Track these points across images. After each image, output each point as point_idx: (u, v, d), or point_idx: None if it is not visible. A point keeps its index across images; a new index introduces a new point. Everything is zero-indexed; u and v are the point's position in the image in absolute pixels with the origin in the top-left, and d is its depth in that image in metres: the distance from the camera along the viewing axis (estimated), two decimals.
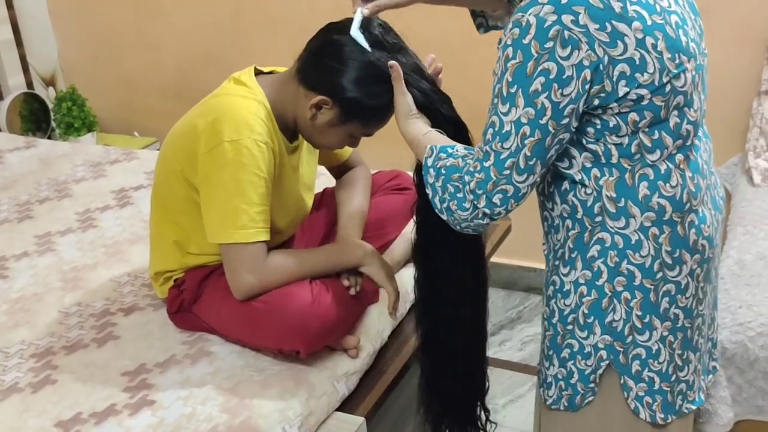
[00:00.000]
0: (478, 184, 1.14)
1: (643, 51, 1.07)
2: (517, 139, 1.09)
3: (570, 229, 1.21)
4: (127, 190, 2.34)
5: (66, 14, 3.29)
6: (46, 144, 2.76)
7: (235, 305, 1.52)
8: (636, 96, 1.08)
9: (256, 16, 2.94)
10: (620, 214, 1.15)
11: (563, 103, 1.07)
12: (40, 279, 1.88)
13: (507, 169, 1.11)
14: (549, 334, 1.29)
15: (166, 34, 3.13)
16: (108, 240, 2.05)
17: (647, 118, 1.10)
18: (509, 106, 1.09)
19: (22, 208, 2.26)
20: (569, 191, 1.18)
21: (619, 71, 1.06)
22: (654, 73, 1.08)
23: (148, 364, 1.54)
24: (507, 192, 1.13)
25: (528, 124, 1.08)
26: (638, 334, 1.21)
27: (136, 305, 1.75)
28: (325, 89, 1.45)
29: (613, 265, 1.18)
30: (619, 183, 1.14)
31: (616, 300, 1.19)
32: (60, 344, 1.62)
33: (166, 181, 1.60)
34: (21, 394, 1.48)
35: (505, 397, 2.38)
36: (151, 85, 3.24)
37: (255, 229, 1.46)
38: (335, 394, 1.50)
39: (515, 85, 1.08)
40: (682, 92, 1.11)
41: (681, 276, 1.19)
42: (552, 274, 1.26)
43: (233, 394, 1.43)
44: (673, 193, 1.15)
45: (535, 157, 1.11)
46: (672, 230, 1.16)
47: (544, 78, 1.06)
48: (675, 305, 1.20)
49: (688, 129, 1.15)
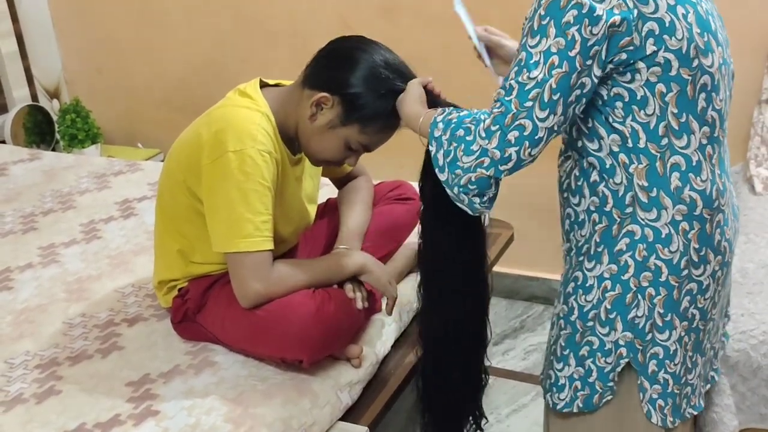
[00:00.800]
0: (495, 119, 1.12)
1: (674, 16, 1.10)
2: (545, 68, 1.09)
3: (597, 222, 1.22)
4: (131, 201, 2.35)
5: (70, 27, 3.31)
6: (50, 156, 2.77)
7: (239, 314, 1.52)
8: (663, 60, 1.10)
9: (258, 28, 2.95)
10: (652, 204, 1.16)
11: (591, 41, 1.08)
12: (44, 290, 1.89)
13: (530, 101, 1.10)
14: (565, 332, 1.28)
15: (168, 46, 3.15)
16: (112, 251, 2.06)
17: (674, 91, 1.12)
18: (539, 37, 1.10)
19: (26, 219, 2.27)
20: (599, 182, 1.19)
21: (648, 28, 1.09)
22: (682, 41, 1.10)
23: (152, 375, 1.54)
24: (525, 129, 1.11)
25: (557, 53, 1.09)
26: (658, 332, 1.22)
27: (140, 316, 1.75)
28: (327, 86, 1.46)
29: (641, 260, 1.19)
30: (650, 171, 1.15)
31: (640, 296, 1.20)
32: (64, 355, 1.63)
33: (170, 190, 1.62)
34: (25, 404, 1.49)
35: (508, 407, 2.37)
36: (155, 97, 3.26)
37: (260, 237, 1.47)
38: (338, 404, 1.50)
39: (547, 17, 1.09)
40: (710, 73, 1.14)
41: (704, 276, 1.21)
42: (574, 271, 1.26)
43: (237, 404, 1.43)
44: (704, 187, 1.17)
45: (559, 92, 1.09)
46: (701, 227, 1.18)
47: (576, 11, 1.07)
48: (694, 305, 1.22)
49: (713, 116, 1.16)
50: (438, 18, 2.60)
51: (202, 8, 3.02)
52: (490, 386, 2.40)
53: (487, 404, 2.33)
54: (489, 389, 2.39)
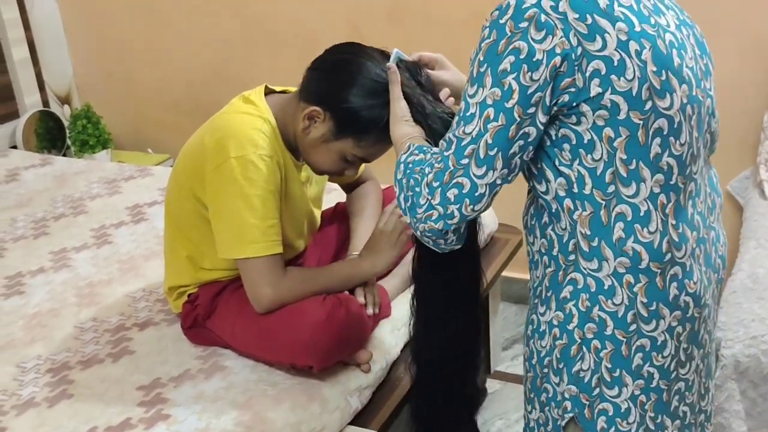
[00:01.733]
0: (436, 175, 1.07)
1: (624, 54, 1.01)
2: (480, 122, 1.03)
3: (547, 266, 1.15)
4: (141, 206, 2.36)
5: (81, 34, 3.33)
6: (61, 161, 2.79)
7: (249, 320, 1.53)
8: (610, 103, 1.02)
9: (265, 33, 2.97)
10: (593, 254, 1.09)
11: (531, 89, 1.01)
12: (56, 295, 1.90)
13: (466, 158, 1.05)
14: (530, 375, 1.23)
15: (178, 51, 3.17)
16: (123, 256, 2.07)
17: (623, 136, 1.03)
18: (477, 87, 1.04)
19: (38, 224, 2.28)
20: (548, 225, 1.13)
21: (594, 68, 1.01)
22: (633, 81, 1.01)
23: (163, 379, 1.55)
24: (463, 187, 1.06)
25: (493, 105, 1.02)
26: (607, 387, 1.13)
27: (150, 320, 1.76)
28: (318, 100, 1.45)
29: (584, 310, 1.11)
30: (593, 219, 1.08)
31: (585, 348, 1.12)
32: (76, 359, 1.64)
33: (177, 197, 1.63)
34: (37, 408, 1.50)
35: (517, 412, 2.37)
36: (165, 103, 3.28)
37: (267, 242, 1.48)
38: (348, 408, 1.50)
39: (485, 63, 1.03)
40: (667, 116, 1.04)
41: (657, 331, 1.11)
42: (531, 313, 1.21)
43: (247, 408, 1.44)
44: (651, 239, 1.07)
45: (496, 147, 1.03)
46: (649, 281, 1.09)
47: (514, 57, 1.01)
48: (649, 362, 1.12)
49: (670, 163, 1.07)
50: (445, 22, 2.61)
51: (210, 14, 3.04)
52: (498, 392, 2.41)
53: (495, 409, 2.34)
54: (497, 395, 2.40)
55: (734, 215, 2.32)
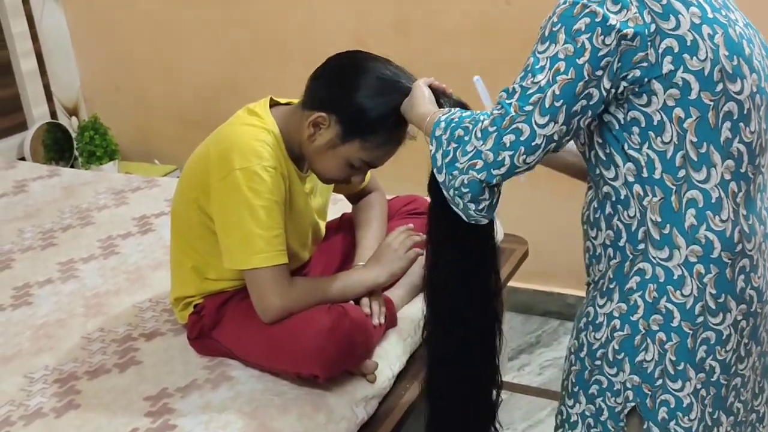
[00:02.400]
0: (494, 120, 1.08)
1: (697, 35, 1.03)
2: (550, 74, 1.05)
3: (611, 258, 1.16)
4: (148, 217, 2.37)
5: (88, 46, 3.36)
6: (69, 173, 2.80)
7: (255, 330, 1.53)
8: (682, 81, 1.04)
9: (272, 46, 2.98)
10: (664, 242, 1.09)
11: (602, 51, 1.03)
12: (63, 305, 1.91)
13: (530, 105, 1.06)
14: (575, 369, 1.24)
15: (185, 64, 3.19)
16: (130, 266, 2.08)
17: (693, 117, 1.05)
18: (549, 43, 1.06)
19: (45, 235, 2.29)
20: (614, 215, 1.14)
21: (666, 45, 1.03)
22: (705, 61, 1.03)
23: (170, 389, 1.55)
24: (522, 133, 1.06)
25: (564, 60, 1.04)
26: (670, 380, 1.14)
27: (157, 330, 1.77)
28: (323, 106, 1.46)
29: (651, 301, 1.12)
30: (664, 205, 1.08)
31: (649, 339, 1.13)
32: (83, 369, 1.64)
33: (182, 208, 1.64)
34: (45, 419, 1.50)
35: (524, 422, 2.37)
36: (171, 114, 3.30)
37: (272, 252, 1.48)
38: (354, 419, 1.50)
39: (559, 23, 1.06)
40: (737, 100, 1.06)
41: (723, 325, 1.11)
42: (587, 306, 1.22)
43: (253, 418, 1.44)
44: (723, 228, 1.08)
45: (562, 99, 1.05)
46: (720, 272, 1.09)
47: (589, 19, 1.03)
48: (713, 356, 1.13)
49: (740, 150, 1.08)
50: (451, 33, 2.62)
51: (218, 27, 3.06)
52: (505, 402, 2.40)
53: (502, 420, 2.33)
54: (504, 405, 2.39)
55: None
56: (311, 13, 2.87)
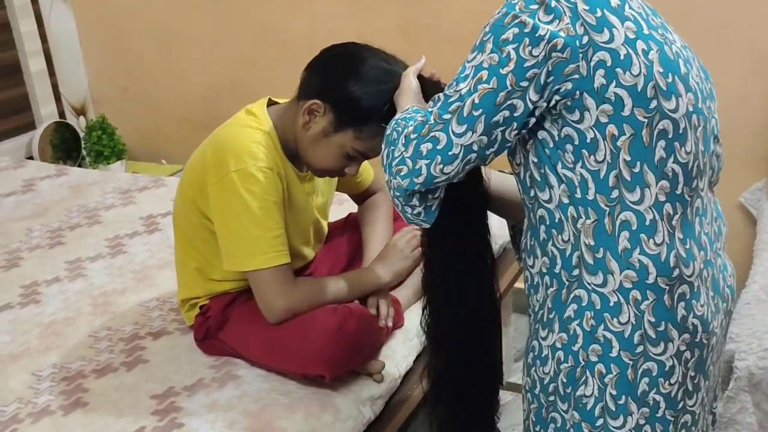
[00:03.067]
0: (416, 127, 1.07)
1: (631, 50, 1.01)
2: (472, 82, 1.03)
3: (548, 286, 1.12)
4: (155, 216, 2.38)
5: (97, 46, 3.37)
6: (76, 172, 2.81)
7: (261, 330, 1.54)
8: (614, 97, 1.01)
9: (277, 48, 2.99)
10: (597, 267, 1.06)
11: (528, 63, 1.01)
12: (70, 304, 1.92)
13: (449, 114, 1.04)
14: (534, 407, 1.19)
15: (191, 65, 3.20)
16: (137, 265, 2.09)
17: (627, 134, 1.02)
18: (477, 52, 1.05)
19: (53, 234, 2.30)
20: (548, 240, 1.11)
21: (599, 58, 1.00)
22: (638, 77, 1.01)
23: (177, 388, 1.56)
24: (438, 142, 1.04)
25: (488, 69, 1.02)
26: (611, 418, 1.09)
27: (164, 329, 1.77)
28: (317, 93, 1.46)
29: (588, 329, 1.07)
30: (597, 228, 1.05)
31: (588, 371, 1.09)
32: (90, 368, 1.65)
33: (183, 210, 1.64)
34: (52, 416, 1.51)
35: None
36: (178, 115, 3.31)
37: (274, 253, 1.49)
38: (361, 418, 1.51)
39: (489, 33, 1.04)
40: (672, 119, 1.03)
41: (665, 356, 1.07)
42: (532, 340, 1.17)
43: (259, 418, 1.44)
44: (657, 252, 1.04)
45: (481, 109, 1.02)
46: (657, 298, 1.05)
47: (518, 29, 1.01)
48: (656, 389, 1.08)
49: (675, 170, 1.04)
50: (455, 36, 2.62)
51: (223, 29, 3.07)
52: (510, 403, 2.40)
53: (508, 420, 2.33)
54: (510, 406, 2.39)
55: (747, 228, 2.31)
56: (315, 17, 2.87)
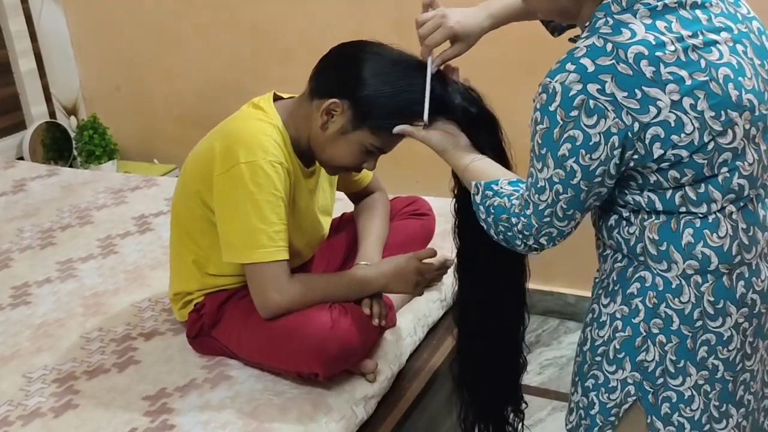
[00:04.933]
0: (525, 227, 1.16)
1: (679, 113, 1.03)
2: (552, 194, 1.11)
3: (617, 261, 1.20)
4: (147, 216, 2.37)
5: (88, 45, 3.35)
6: (68, 172, 2.80)
7: (255, 329, 1.53)
8: (674, 156, 1.06)
9: (272, 46, 2.98)
10: (661, 257, 1.13)
11: (593, 166, 1.07)
12: (62, 305, 1.90)
13: (547, 217, 1.13)
14: (578, 360, 1.29)
15: (184, 64, 3.18)
16: (129, 266, 2.08)
17: (688, 175, 1.07)
18: (542, 164, 1.11)
19: (44, 234, 2.29)
20: (615, 227, 1.18)
21: (652, 134, 1.04)
22: (693, 133, 1.04)
23: (169, 389, 1.55)
24: (552, 233, 1.16)
25: (560, 183, 1.10)
26: (670, 378, 1.18)
27: (156, 330, 1.76)
28: (335, 92, 1.46)
29: (651, 306, 1.15)
30: (663, 227, 1.12)
31: (650, 341, 1.17)
32: (82, 369, 1.64)
33: (184, 202, 1.63)
34: (43, 419, 1.50)
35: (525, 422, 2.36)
36: (171, 114, 3.29)
37: (274, 248, 1.48)
38: (354, 418, 1.50)
39: (544, 147, 1.09)
40: (729, 149, 1.07)
41: (724, 328, 1.14)
42: (593, 302, 1.25)
43: (252, 418, 1.44)
44: (721, 243, 1.11)
45: (572, 209, 1.12)
46: (716, 281, 1.12)
47: (570, 144, 1.06)
48: (714, 356, 1.16)
49: (741, 184, 1.10)
50: None
51: (217, 27, 3.05)
52: None
53: None
54: None
55: None
56: (312, 15, 2.86)
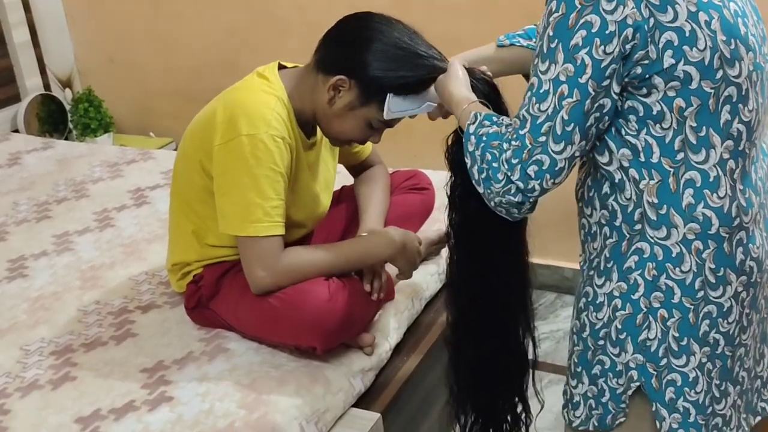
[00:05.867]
0: (514, 152, 1.08)
1: (695, 24, 1.01)
2: (555, 99, 1.04)
3: (608, 237, 1.16)
4: (143, 189, 2.36)
5: (82, 17, 3.32)
6: (63, 145, 2.78)
7: (253, 302, 1.53)
8: (683, 74, 1.02)
9: (269, 18, 2.95)
10: (661, 222, 1.09)
11: (605, 62, 1.01)
12: (59, 278, 1.90)
13: (543, 135, 1.06)
14: (578, 349, 1.24)
15: (181, 36, 3.15)
16: (125, 239, 2.07)
17: (694, 105, 1.04)
18: (548, 63, 1.04)
19: (40, 208, 2.28)
20: (609, 195, 1.13)
21: (666, 39, 1.01)
22: (705, 51, 1.02)
23: (166, 361, 1.55)
24: (542, 163, 1.07)
25: (566, 82, 1.03)
26: (674, 357, 1.14)
27: (153, 303, 1.76)
28: (343, 69, 1.45)
29: (651, 279, 1.12)
30: (661, 188, 1.08)
31: (651, 317, 1.13)
32: (79, 342, 1.64)
33: (185, 170, 1.62)
34: (41, 390, 1.50)
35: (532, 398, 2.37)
36: (167, 87, 3.27)
37: (269, 223, 1.47)
38: (351, 390, 1.51)
39: (556, 39, 1.03)
40: (736, 84, 1.05)
41: (724, 298, 1.12)
42: (585, 286, 1.21)
43: (250, 390, 1.44)
44: (721, 204, 1.08)
45: (573, 122, 1.04)
46: (718, 246, 1.09)
47: (585, 31, 1.01)
48: (716, 329, 1.13)
49: (740, 129, 1.07)
50: (449, 8, 2.59)
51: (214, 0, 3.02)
52: None
53: None
54: None
55: None
56: None
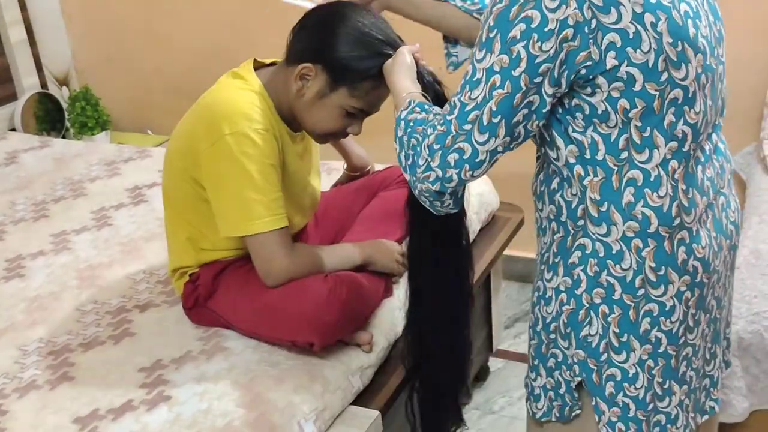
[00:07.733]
0: (437, 137, 1.07)
1: (640, 26, 1.00)
2: (486, 88, 1.03)
3: (555, 232, 1.16)
4: (141, 187, 2.35)
5: (79, 15, 3.31)
6: (60, 143, 2.78)
7: (250, 298, 1.53)
8: (626, 75, 1.01)
9: (266, 14, 2.94)
10: (602, 219, 1.09)
11: (539, 59, 1.00)
12: (56, 277, 1.90)
13: (469, 123, 1.05)
14: (534, 342, 1.25)
15: (177, 33, 3.14)
16: (123, 238, 2.07)
17: (638, 107, 1.03)
18: (485, 52, 1.03)
19: (37, 207, 2.28)
20: (557, 191, 1.14)
21: (609, 40, 1.00)
22: (649, 53, 1.01)
23: (164, 361, 1.55)
24: (464, 152, 1.06)
25: (500, 72, 1.02)
26: (614, 353, 1.14)
27: (151, 302, 1.76)
28: (307, 57, 1.45)
29: (592, 275, 1.12)
30: (604, 185, 1.08)
31: (593, 312, 1.13)
32: (77, 341, 1.64)
33: (173, 181, 1.62)
34: (39, 391, 1.50)
35: (519, 390, 2.37)
36: (164, 84, 3.26)
37: (273, 216, 1.47)
38: (350, 388, 1.50)
39: (495, 29, 1.02)
40: (682, 86, 1.04)
41: (666, 297, 1.12)
42: (537, 280, 1.22)
43: (249, 389, 1.44)
44: (660, 204, 1.08)
45: (500, 114, 1.03)
46: (658, 245, 1.09)
47: (525, 25, 1.00)
48: (657, 328, 1.13)
49: (685, 131, 1.07)
50: None
51: None
52: (500, 370, 2.42)
53: (497, 387, 2.35)
54: (500, 373, 2.41)
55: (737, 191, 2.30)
56: None
